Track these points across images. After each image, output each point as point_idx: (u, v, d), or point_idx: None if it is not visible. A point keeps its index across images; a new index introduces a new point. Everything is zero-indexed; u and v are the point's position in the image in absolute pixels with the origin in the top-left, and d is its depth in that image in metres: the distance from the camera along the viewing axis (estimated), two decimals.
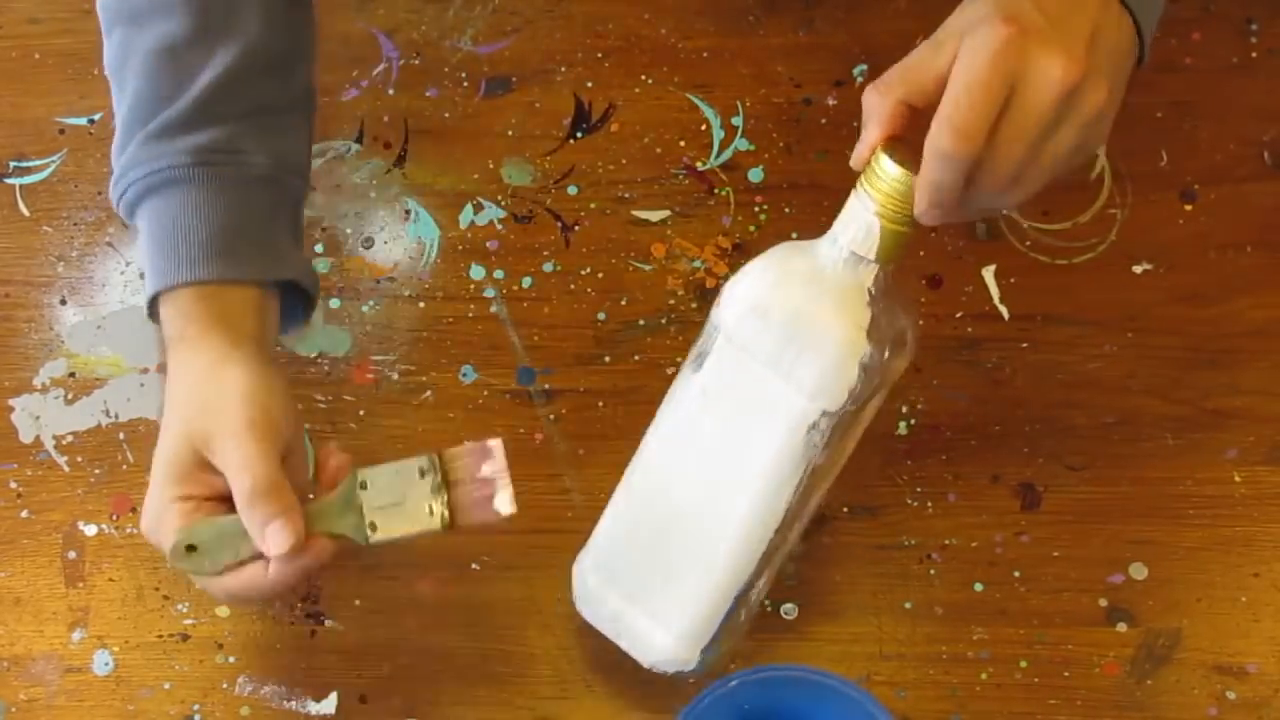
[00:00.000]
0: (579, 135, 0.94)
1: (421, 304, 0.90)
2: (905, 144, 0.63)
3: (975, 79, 0.60)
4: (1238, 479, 0.84)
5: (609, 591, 0.76)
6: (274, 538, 0.67)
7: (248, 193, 0.76)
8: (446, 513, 0.70)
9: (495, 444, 0.70)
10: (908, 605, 0.82)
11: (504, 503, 0.70)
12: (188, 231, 0.73)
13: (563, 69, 0.96)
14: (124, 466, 0.87)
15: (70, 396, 0.89)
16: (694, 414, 0.70)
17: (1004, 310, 0.88)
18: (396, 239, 0.92)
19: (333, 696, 0.82)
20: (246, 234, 0.75)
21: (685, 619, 0.74)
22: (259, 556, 0.69)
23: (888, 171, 0.62)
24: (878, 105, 0.63)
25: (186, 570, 0.69)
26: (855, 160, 0.64)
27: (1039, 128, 0.61)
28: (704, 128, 0.94)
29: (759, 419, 0.68)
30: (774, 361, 0.66)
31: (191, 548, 0.68)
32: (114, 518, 0.86)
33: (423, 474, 0.70)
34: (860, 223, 0.64)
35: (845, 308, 0.65)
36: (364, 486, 0.70)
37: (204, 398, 0.70)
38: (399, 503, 0.69)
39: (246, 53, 0.75)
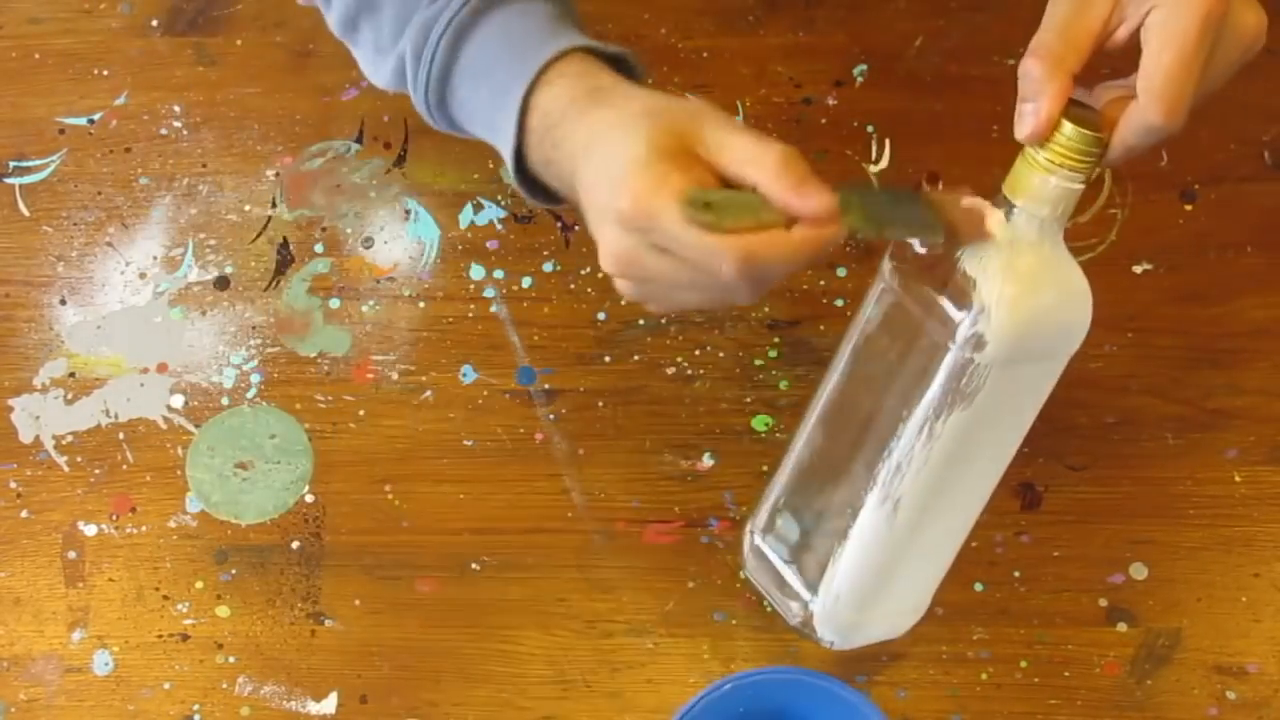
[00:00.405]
0: None
1: (421, 304, 0.90)
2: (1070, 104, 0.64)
3: (1186, 52, 0.60)
4: (1238, 479, 0.84)
5: (864, 615, 0.76)
6: (812, 198, 0.61)
7: None
8: (942, 227, 0.67)
9: (966, 191, 0.68)
10: None
11: (994, 223, 0.67)
12: (529, 28, 0.69)
13: None
14: (124, 466, 0.87)
15: (70, 396, 0.89)
16: (966, 446, 0.69)
17: None
18: (396, 239, 0.92)
19: (333, 696, 0.82)
20: (574, 20, 0.72)
21: (927, 593, 0.77)
22: (780, 225, 0.62)
23: (1082, 139, 0.62)
24: (1047, 76, 0.62)
25: (700, 224, 0.61)
26: (1035, 135, 0.63)
27: (1228, 76, 0.63)
28: None
29: (1026, 405, 0.70)
30: (1047, 353, 0.68)
31: (708, 205, 0.61)
32: (114, 518, 0.86)
33: (910, 197, 0.68)
34: (1066, 194, 0.64)
35: (1075, 271, 0.67)
36: (858, 196, 0.66)
37: (672, 108, 0.64)
38: (895, 211, 0.67)
39: None
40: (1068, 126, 0.62)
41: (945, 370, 0.66)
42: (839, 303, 0.88)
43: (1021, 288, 0.64)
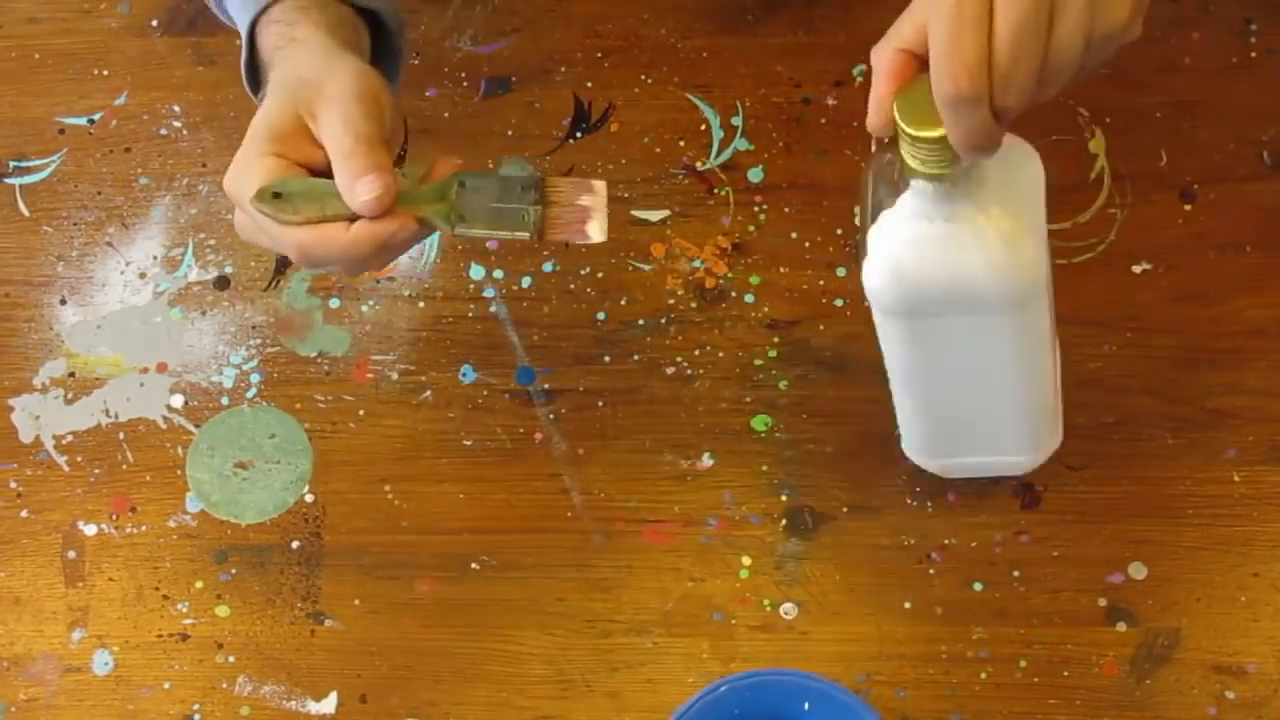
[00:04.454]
0: (579, 135, 0.94)
1: (421, 304, 0.90)
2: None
3: (947, 3, 0.54)
4: (1237, 479, 0.84)
5: (951, 457, 0.81)
6: (364, 187, 0.65)
7: None
8: (539, 223, 0.70)
9: (599, 183, 0.71)
10: (907, 605, 0.82)
11: (596, 230, 0.70)
12: None
13: (562, 69, 0.96)
14: (124, 466, 0.87)
15: (70, 396, 0.89)
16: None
17: None
18: None
19: (333, 696, 0.82)
20: None
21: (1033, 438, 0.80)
22: (343, 220, 0.67)
23: (922, 139, 0.57)
24: (876, 61, 0.59)
25: (266, 215, 0.67)
26: (874, 124, 0.58)
27: (1032, 17, 0.54)
28: (704, 128, 0.94)
29: (1007, 350, 0.72)
30: (967, 309, 0.67)
31: (277, 195, 0.66)
32: (114, 517, 0.86)
33: (523, 189, 0.70)
34: (940, 181, 0.60)
35: (989, 236, 0.63)
36: (462, 185, 0.70)
37: (315, 75, 0.69)
38: (494, 206, 0.70)
39: None
40: (904, 126, 0.57)
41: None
42: (839, 302, 0.88)
43: (905, 254, 0.63)
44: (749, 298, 0.89)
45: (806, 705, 0.73)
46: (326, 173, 0.67)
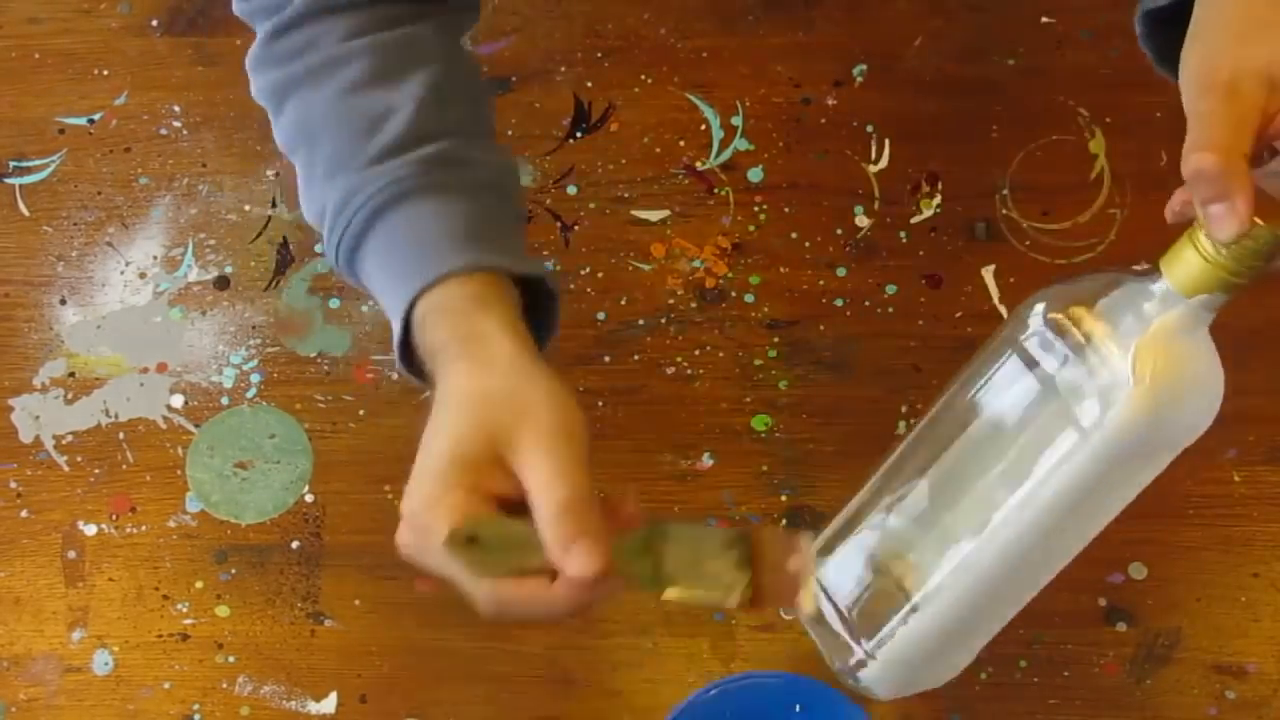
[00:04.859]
0: (579, 135, 0.94)
1: None
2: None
3: None
4: (1237, 479, 0.84)
5: (920, 674, 0.74)
6: (579, 558, 0.58)
7: (483, 197, 0.70)
8: (748, 591, 0.63)
9: (805, 541, 0.65)
10: None
11: (807, 598, 0.64)
12: (442, 229, 0.67)
13: (563, 69, 0.96)
14: (124, 466, 0.87)
15: (70, 396, 0.89)
16: (1071, 517, 0.67)
17: (1003, 310, 0.88)
18: None
19: (333, 696, 0.82)
20: (495, 231, 0.69)
21: (980, 647, 0.75)
22: (543, 572, 0.60)
23: (1274, 239, 0.57)
24: (1230, 171, 0.56)
25: (459, 561, 0.60)
26: (1239, 235, 0.57)
27: None
28: (703, 127, 0.94)
29: (1132, 486, 0.69)
30: (1167, 443, 0.66)
31: (473, 540, 0.60)
32: (114, 517, 0.86)
33: (728, 546, 0.64)
34: (1239, 289, 0.60)
35: (1216, 363, 0.64)
36: (664, 539, 0.64)
37: (509, 395, 0.63)
38: (697, 566, 0.64)
39: (437, 82, 0.70)
40: (1260, 227, 0.56)
41: (1072, 448, 0.63)
42: (838, 302, 0.88)
43: (1171, 379, 0.61)
44: (749, 298, 0.89)
45: (798, 707, 0.73)
46: (518, 507, 0.61)
